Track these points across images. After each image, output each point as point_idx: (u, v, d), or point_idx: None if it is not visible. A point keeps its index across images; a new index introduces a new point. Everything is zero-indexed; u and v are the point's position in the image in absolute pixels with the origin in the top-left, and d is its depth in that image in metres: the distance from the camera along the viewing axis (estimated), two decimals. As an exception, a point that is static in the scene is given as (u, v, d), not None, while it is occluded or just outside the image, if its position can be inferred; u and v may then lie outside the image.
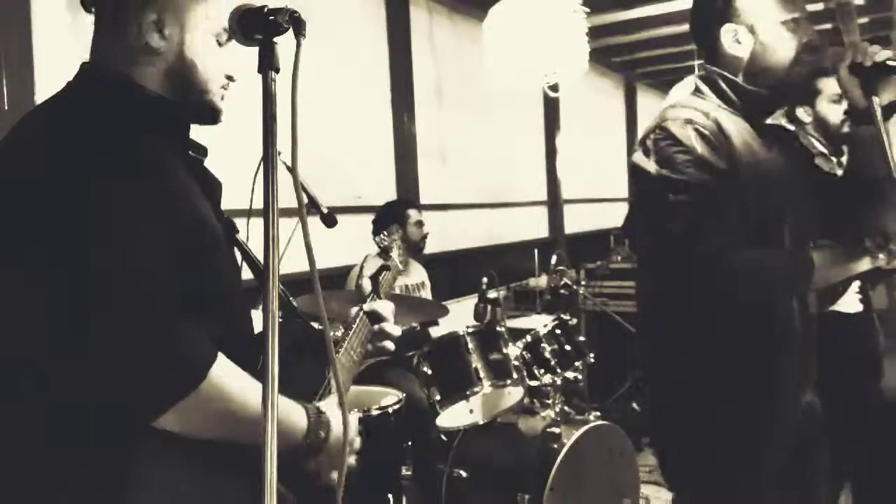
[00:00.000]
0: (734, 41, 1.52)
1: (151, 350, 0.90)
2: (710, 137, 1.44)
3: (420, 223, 3.51)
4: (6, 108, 2.34)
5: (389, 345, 1.44)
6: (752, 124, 1.54)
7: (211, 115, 1.15)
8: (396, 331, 1.45)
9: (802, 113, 2.59)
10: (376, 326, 1.42)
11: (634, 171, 1.52)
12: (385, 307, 1.44)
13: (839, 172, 2.55)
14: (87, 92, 1.05)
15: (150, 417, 0.92)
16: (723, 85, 1.54)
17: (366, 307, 1.42)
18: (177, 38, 1.07)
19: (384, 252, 1.73)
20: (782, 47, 1.51)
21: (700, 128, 1.44)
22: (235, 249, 1.24)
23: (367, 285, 1.55)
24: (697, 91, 1.59)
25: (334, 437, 1.09)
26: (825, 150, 2.59)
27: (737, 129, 1.49)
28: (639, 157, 1.50)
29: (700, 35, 1.61)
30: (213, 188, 1.17)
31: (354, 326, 1.37)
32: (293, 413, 1.06)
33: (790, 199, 1.52)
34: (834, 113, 2.52)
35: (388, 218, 3.50)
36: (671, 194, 1.42)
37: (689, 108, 1.51)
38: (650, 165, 1.46)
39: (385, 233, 1.77)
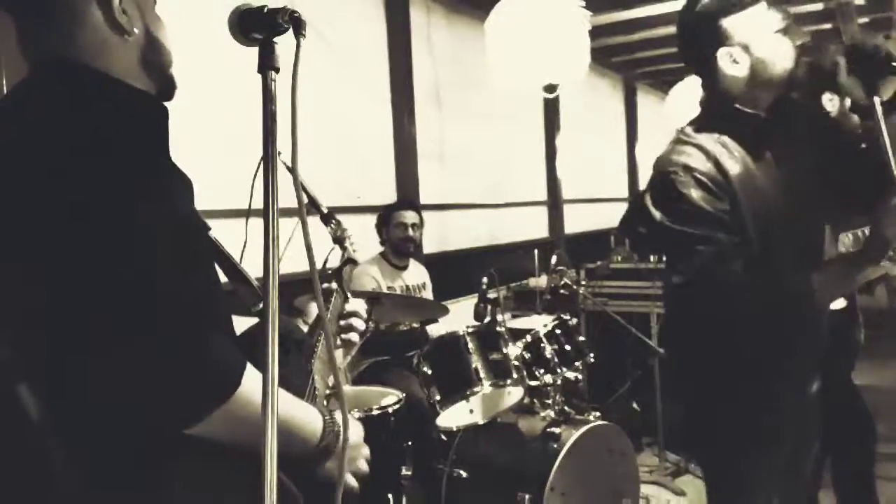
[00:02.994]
0: (731, 63, 1.54)
1: (189, 358, 0.88)
2: (709, 184, 1.51)
3: (403, 225, 3.47)
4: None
5: (355, 336, 1.49)
6: (753, 143, 1.57)
7: (173, 90, 1.11)
8: (361, 325, 1.50)
9: (827, 101, 2.58)
10: (343, 322, 1.46)
11: (642, 212, 1.59)
12: (359, 307, 1.50)
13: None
14: (64, 90, 0.97)
15: (188, 426, 0.89)
16: (720, 110, 1.59)
17: (348, 309, 1.46)
18: (137, 15, 1.03)
19: (338, 243, 1.70)
20: (781, 56, 1.53)
21: (699, 175, 1.51)
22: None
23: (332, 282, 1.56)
24: (699, 118, 1.65)
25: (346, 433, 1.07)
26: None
27: (735, 159, 1.55)
28: (647, 200, 1.59)
29: (694, 61, 1.65)
30: (187, 186, 1.12)
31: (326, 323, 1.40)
32: (312, 416, 1.05)
33: (795, 213, 1.57)
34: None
35: (379, 220, 3.52)
36: (673, 243, 1.55)
37: (692, 145, 1.57)
38: (655, 213, 1.56)
39: (333, 223, 1.72)
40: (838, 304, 2.60)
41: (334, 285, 1.52)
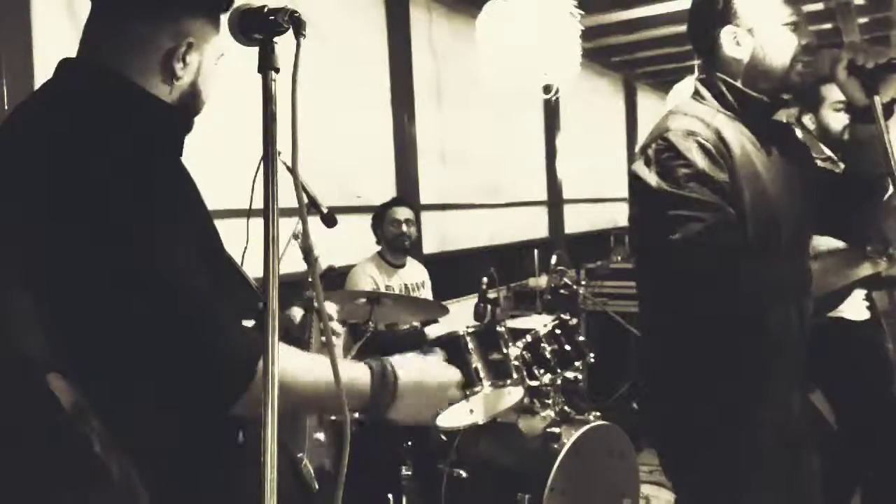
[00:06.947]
0: (734, 43, 1.51)
1: (211, 347, 0.94)
2: (712, 150, 1.43)
3: (397, 222, 3.46)
4: (6, 108, 2.34)
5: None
6: (751, 129, 1.53)
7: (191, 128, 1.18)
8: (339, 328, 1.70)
9: (808, 121, 2.58)
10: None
11: (634, 181, 1.51)
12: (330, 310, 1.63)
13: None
14: (115, 100, 1.04)
15: (222, 412, 0.95)
16: (724, 90, 1.53)
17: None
18: (194, 68, 1.09)
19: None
20: (782, 49, 1.50)
21: (702, 140, 1.44)
22: None
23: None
24: (697, 95, 1.58)
25: (404, 377, 1.11)
26: (832, 156, 2.58)
27: (736, 136, 1.49)
28: (639, 166, 1.49)
29: (698, 38, 1.60)
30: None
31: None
32: (355, 370, 1.09)
33: (786, 203, 1.52)
34: (836, 120, 2.51)
35: (374, 219, 3.52)
36: (670, 209, 1.42)
37: (690, 116, 1.50)
38: (651, 177, 1.46)
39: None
40: (861, 314, 2.57)
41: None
